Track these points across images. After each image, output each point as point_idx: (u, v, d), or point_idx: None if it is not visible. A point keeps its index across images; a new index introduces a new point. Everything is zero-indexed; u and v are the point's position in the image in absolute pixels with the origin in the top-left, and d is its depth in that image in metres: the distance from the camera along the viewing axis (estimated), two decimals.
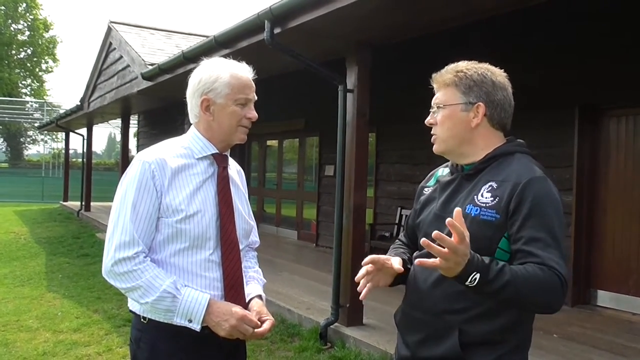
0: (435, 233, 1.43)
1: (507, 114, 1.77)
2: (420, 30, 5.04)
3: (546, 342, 4.72)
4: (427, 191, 1.89)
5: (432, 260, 1.47)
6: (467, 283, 1.49)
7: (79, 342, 5.05)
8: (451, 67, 1.78)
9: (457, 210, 1.47)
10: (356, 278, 1.73)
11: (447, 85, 1.75)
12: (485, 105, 1.72)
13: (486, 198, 1.65)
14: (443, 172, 1.89)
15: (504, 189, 1.63)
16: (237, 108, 1.90)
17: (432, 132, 1.80)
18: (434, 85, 1.80)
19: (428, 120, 1.81)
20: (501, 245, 1.62)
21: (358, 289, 1.72)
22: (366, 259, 1.73)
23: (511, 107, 1.77)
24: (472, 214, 1.64)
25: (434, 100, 1.79)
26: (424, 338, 1.73)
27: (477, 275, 1.48)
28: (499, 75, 1.76)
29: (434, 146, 1.80)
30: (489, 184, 1.67)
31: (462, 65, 1.77)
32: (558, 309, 1.59)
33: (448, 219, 1.44)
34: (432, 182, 1.91)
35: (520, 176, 1.63)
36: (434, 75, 1.80)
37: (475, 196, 1.67)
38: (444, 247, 1.43)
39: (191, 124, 1.98)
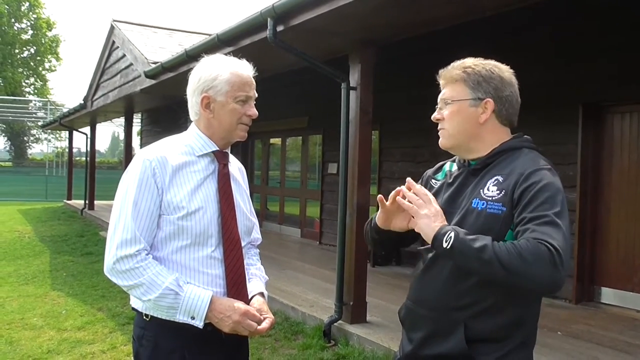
0: (407, 185, 1.76)
1: (514, 110, 1.77)
2: (423, 27, 5.02)
3: (551, 340, 4.71)
4: (435, 184, 1.89)
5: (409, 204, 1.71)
6: (444, 244, 1.56)
7: (83, 340, 5.07)
8: (458, 64, 1.78)
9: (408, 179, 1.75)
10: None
11: (455, 80, 1.75)
12: (494, 101, 1.72)
13: (492, 191, 1.65)
14: (451, 166, 1.89)
15: (510, 182, 1.63)
16: (237, 105, 1.90)
17: (439, 128, 1.80)
18: (441, 82, 1.80)
19: (435, 116, 1.80)
20: (507, 238, 1.61)
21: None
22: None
23: (518, 103, 1.78)
24: (479, 208, 1.65)
25: (440, 96, 1.79)
26: (429, 334, 1.73)
27: (452, 234, 1.55)
28: (506, 71, 1.77)
29: (441, 140, 1.79)
30: (495, 177, 1.67)
31: (470, 61, 1.77)
32: (552, 284, 1.47)
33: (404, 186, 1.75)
34: (441, 175, 1.91)
35: (526, 168, 1.63)
36: (441, 71, 1.80)
37: (482, 190, 1.67)
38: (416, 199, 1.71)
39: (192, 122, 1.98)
